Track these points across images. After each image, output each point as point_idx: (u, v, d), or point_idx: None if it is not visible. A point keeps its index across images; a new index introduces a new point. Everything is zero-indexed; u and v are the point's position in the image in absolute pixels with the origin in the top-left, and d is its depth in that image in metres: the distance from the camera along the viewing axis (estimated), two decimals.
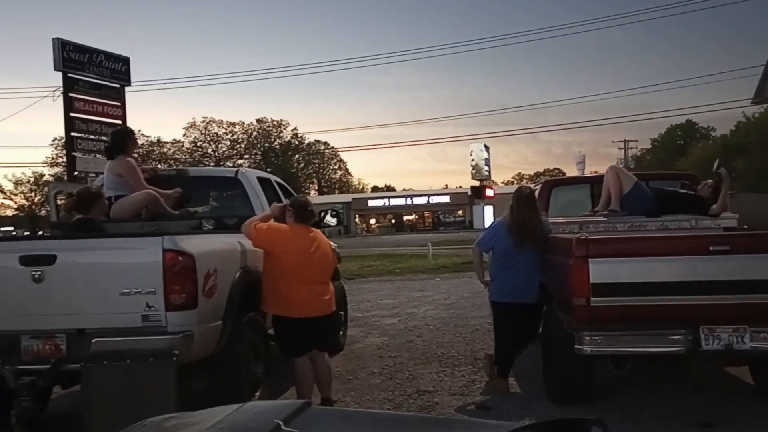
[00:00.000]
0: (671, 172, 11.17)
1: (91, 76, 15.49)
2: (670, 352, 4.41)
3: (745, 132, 47.17)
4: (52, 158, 53.51)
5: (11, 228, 50.76)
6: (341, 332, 7.34)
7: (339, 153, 70.30)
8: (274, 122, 65.68)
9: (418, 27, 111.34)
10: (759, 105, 21.29)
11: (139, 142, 52.94)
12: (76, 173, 15.02)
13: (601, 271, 4.36)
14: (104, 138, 15.06)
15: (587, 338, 4.39)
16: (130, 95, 16.71)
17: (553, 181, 7.99)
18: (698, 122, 60.87)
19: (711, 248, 4.39)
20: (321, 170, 72.27)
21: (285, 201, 6.46)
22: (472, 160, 35.10)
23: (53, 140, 51.77)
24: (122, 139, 5.75)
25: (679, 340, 4.32)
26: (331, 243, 5.03)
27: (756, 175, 40.28)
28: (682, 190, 6.58)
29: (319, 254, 4.77)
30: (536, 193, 6.52)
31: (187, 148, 62.47)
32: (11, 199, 58.80)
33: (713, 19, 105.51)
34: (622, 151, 53.79)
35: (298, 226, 4.77)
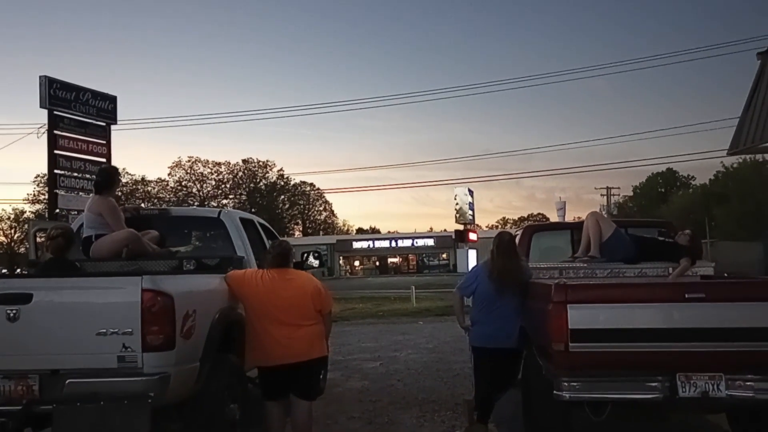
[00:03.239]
0: (649, 219, 11.36)
1: (77, 114, 15.55)
2: (647, 399, 4.41)
3: (723, 181, 48.08)
4: (34, 195, 53.09)
5: None
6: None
7: (324, 194, 70.65)
8: (260, 163, 65.99)
9: (405, 73, 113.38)
10: (735, 156, 21.78)
11: (124, 180, 52.97)
12: (57, 211, 14.91)
13: (579, 316, 4.39)
14: (88, 176, 15.06)
15: (566, 384, 4.39)
16: (116, 133, 16.77)
17: (534, 226, 8.08)
18: (679, 171, 62.13)
19: (687, 296, 4.45)
20: (306, 211, 72.33)
21: (268, 243, 6.49)
22: (457, 204, 35.39)
23: (36, 177, 51.49)
24: (108, 178, 5.76)
25: (656, 387, 4.33)
26: (319, 283, 4.92)
27: (734, 225, 40.89)
28: (660, 238, 6.69)
29: (289, 296, 4.66)
30: (517, 238, 6.59)
31: (171, 187, 62.36)
32: None
33: (693, 70, 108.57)
34: (605, 197, 54.57)
35: (273, 270, 4.77)
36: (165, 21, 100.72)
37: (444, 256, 62.57)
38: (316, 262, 7.31)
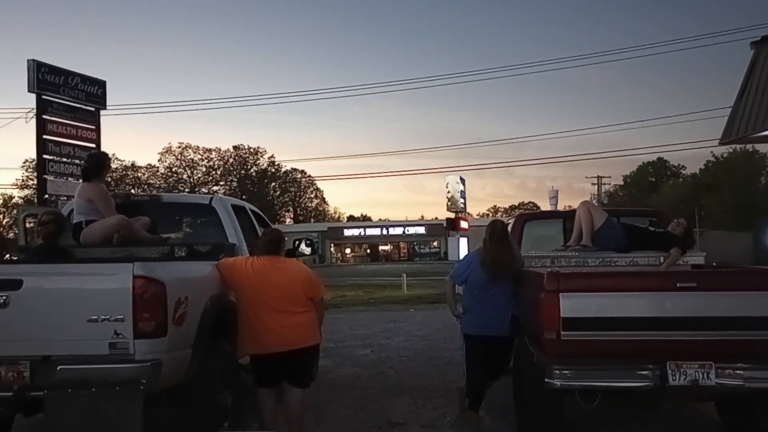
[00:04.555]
0: (641, 209, 11.41)
1: (65, 99, 15.40)
2: (638, 387, 4.44)
3: (714, 171, 48.37)
4: (23, 180, 52.68)
5: None
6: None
7: (315, 182, 70.43)
8: (251, 149, 65.75)
9: (397, 60, 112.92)
10: (727, 145, 21.90)
11: (113, 166, 52.60)
12: (46, 196, 14.81)
13: (571, 305, 4.40)
14: (77, 161, 14.95)
15: (557, 372, 4.41)
16: (105, 118, 16.63)
17: (527, 215, 8.08)
18: (669, 160, 62.37)
19: (678, 285, 4.47)
20: (297, 198, 72.16)
21: (260, 230, 6.47)
22: (448, 192, 35.41)
23: (24, 162, 51.10)
24: (98, 164, 5.71)
25: (647, 375, 4.36)
26: (310, 271, 4.91)
27: (724, 214, 41.19)
28: (651, 228, 6.71)
29: (280, 283, 4.64)
30: (510, 227, 6.60)
31: (162, 173, 62.07)
32: None
33: (685, 60, 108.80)
34: (596, 186, 54.74)
35: (263, 257, 4.75)
36: (156, 6, 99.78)
37: (435, 244, 62.66)
38: (307, 250, 7.31)
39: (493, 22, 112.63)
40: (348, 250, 67.77)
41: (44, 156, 14.99)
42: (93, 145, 15.66)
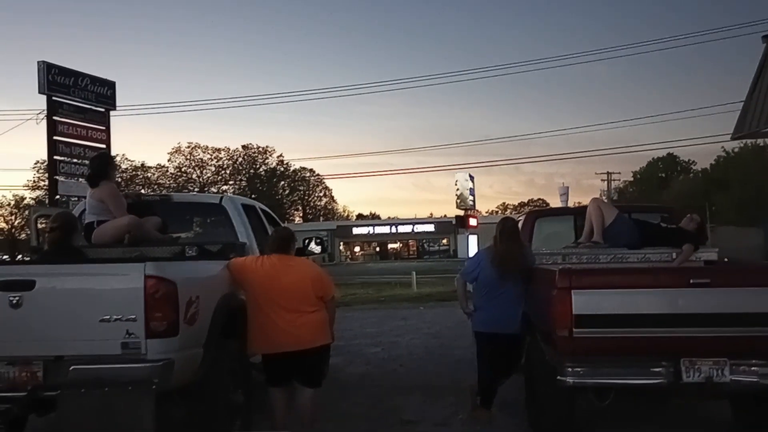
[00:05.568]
0: (652, 205, 11.34)
1: (75, 100, 15.46)
2: (652, 384, 4.42)
3: (724, 166, 47.97)
4: (34, 181, 53.01)
5: None
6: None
7: (324, 180, 70.44)
8: (260, 149, 65.86)
9: (405, 58, 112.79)
10: (738, 140, 21.71)
11: (123, 166, 52.86)
12: (57, 197, 14.89)
13: (583, 302, 4.38)
14: (87, 162, 15.01)
15: (570, 369, 4.39)
16: (115, 119, 16.69)
17: (537, 212, 8.08)
18: (679, 156, 61.87)
19: (691, 281, 4.43)
20: (306, 197, 72.19)
21: (270, 229, 6.48)
22: (457, 189, 35.37)
23: (35, 163, 51.40)
24: (103, 165, 5.73)
25: (660, 372, 4.33)
26: (320, 269, 4.90)
27: (735, 210, 40.85)
28: (663, 224, 6.67)
29: (290, 282, 4.62)
30: (520, 224, 6.58)
31: (171, 173, 62.29)
32: None
33: (695, 55, 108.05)
34: (605, 182, 54.47)
35: (273, 256, 4.75)
36: (164, 6, 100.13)
37: (444, 241, 62.62)
38: (317, 248, 7.30)
39: (500, 18, 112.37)
40: (357, 249, 67.87)
41: (55, 157, 15.06)
42: (103, 146, 15.72)
